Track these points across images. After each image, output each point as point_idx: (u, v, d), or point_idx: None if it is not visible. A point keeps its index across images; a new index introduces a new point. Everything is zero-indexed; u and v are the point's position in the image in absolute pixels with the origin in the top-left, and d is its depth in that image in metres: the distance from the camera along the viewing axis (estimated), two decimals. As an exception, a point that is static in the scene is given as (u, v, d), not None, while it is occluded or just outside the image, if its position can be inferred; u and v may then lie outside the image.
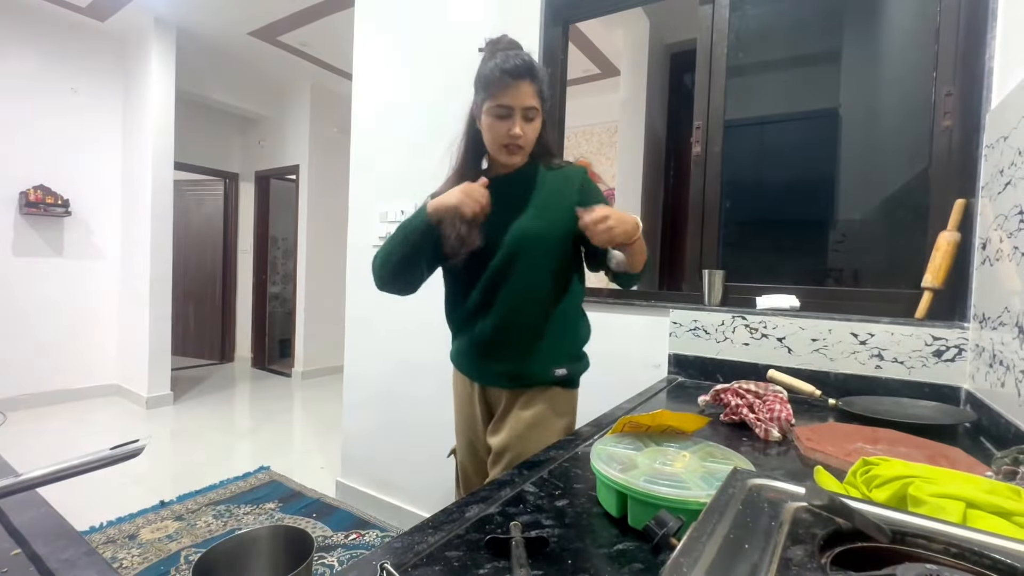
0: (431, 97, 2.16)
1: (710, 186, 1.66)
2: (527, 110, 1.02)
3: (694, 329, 1.52)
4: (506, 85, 1.00)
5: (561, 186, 1.12)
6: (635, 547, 0.52)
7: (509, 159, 1.07)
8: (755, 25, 1.85)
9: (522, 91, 1.00)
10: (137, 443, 0.57)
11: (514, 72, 0.99)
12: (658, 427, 0.74)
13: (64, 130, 3.80)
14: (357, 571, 0.46)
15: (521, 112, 1.02)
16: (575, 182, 1.12)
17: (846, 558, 0.38)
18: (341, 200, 2.92)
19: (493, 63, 1.02)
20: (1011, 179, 0.96)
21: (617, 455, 0.65)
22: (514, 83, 1.00)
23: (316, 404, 4.22)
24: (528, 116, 1.03)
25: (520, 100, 1.01)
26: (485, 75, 1.03)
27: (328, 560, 1.89)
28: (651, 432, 0.75)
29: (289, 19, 3.62)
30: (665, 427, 0.74)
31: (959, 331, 1.20)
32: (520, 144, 1.05)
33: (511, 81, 1.00)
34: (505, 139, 1.04)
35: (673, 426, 0.74)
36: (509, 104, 1.01)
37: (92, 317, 4.02)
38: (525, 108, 1.02)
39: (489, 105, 1.03)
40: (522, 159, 1.09)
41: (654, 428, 0.74)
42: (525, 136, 1.04)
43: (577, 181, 1.13)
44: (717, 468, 0.62)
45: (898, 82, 1.74)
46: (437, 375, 2.04)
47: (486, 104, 1.04)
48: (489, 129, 1.05)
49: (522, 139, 1.04)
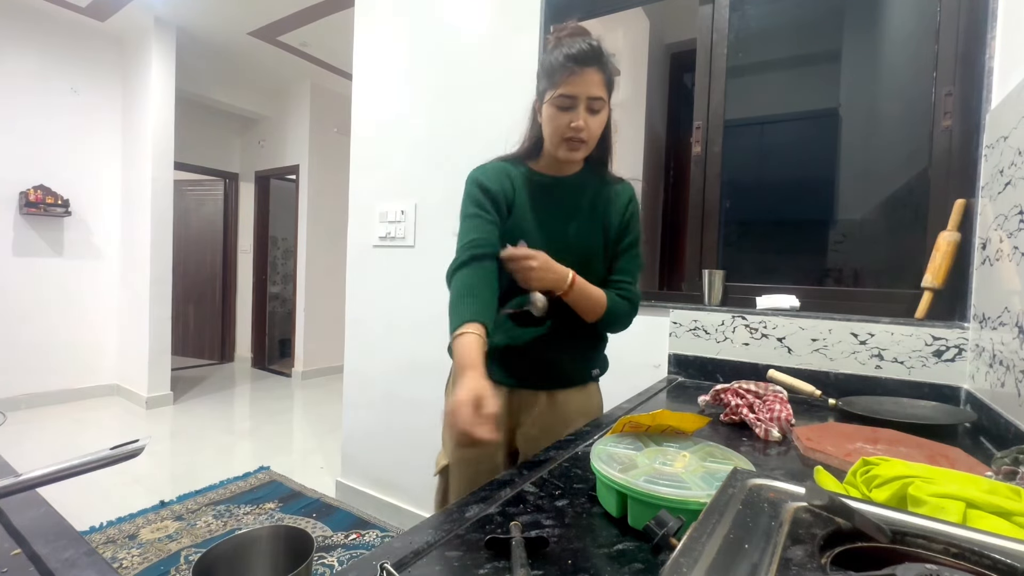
0: (431, 97, 2.16)
1: (710, 186, 1.66)
2: (593, 100, 0.93)
3: (694, 329, 1.52)
4: (570, 72, 0.92)
5: (610, 203, 1.05)
6: (635, 547, 0.52)
7: (570, 154, 0.98)
8: (755, 25, 1.85)
9: (587, 79, 0.92)
10: (137, 443, 0.57)
11: (580, 58, 0.91)
12: (658, 427, 0.74)
13: (64, 130, 3.80)
14: (357, 571, 0.46)
15: (586, 102, 0.93)
16: (622, 201, 1.06)
17: (846, 558, 0.38)
18: (341, 200, 2.92)
19: (558, 51, 0.94)
20: (1011, 179, 0.96)
21: (617, 455, 0.65)
22: (579, 70, 0.91)
23: (316, 404, 4.22)
24: (594, 108, 0.94)
25: (586, 89, 0.92)
26: (548, 63, 0.96)
27: (328, 560, 1.89)
28: (651, 432, 0.75)
29: (289, 19, 3.62)
30: (665, 427, 0.74)
31: (959, 331, 1.20)
32: (583, 138, 0.96)
33: (576, 68, 0.91)
34: (567, 131, 0.95)
35: (673, 426, 0.74)
36: (573, 93, 0.92)
37: (92, 317, 4.02)
38: (591, 98, 0.93)
39: (552, 95, 0.95)
40: (584, 154, 1.00)
41: (654, 428, 0.74)
42: (589, 129, 0.95)
43: (624, 201, 1.06)
44: (717, 468, 0.62)
45: (898, 82, 1.74)
46: (437, 374, 2.04)
47: (548, 94, 0.96)
48: (550, 121, 0.97)
49: (585, 132, 0.95)
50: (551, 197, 1.03)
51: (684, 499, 0.54)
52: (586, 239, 1.02)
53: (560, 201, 1.04)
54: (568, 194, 1.04)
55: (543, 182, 1.04)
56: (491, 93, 1.98)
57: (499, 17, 1.97)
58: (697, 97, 1.69)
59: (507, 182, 1.03)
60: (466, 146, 2.04)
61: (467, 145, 2.03)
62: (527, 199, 1.03)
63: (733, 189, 1.78)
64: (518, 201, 1.03)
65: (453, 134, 2.09)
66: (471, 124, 2.03)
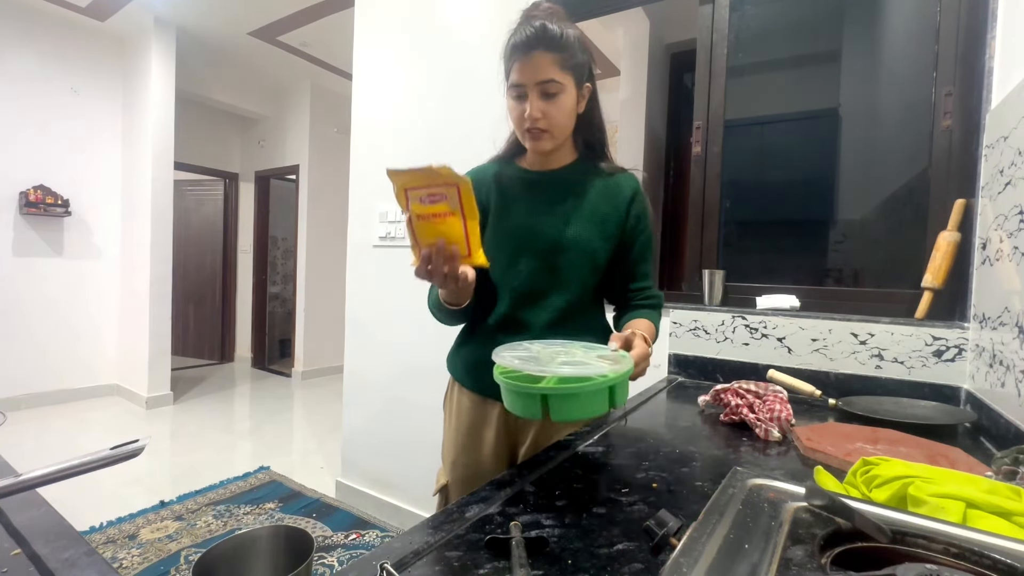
0: (431, 97, 2.16)
1: (710, 186, 1.66)
2: (543, 84, 0.85)
3: (694, 329, 1.52)
4: (515, 60, 0.86)
5: (608, 196, 0.96)
6: (635, 547, 0.52)
7: (534, 145, 0.91)
8: (755, 25, 1.85)
9: (535, 63, 0.84)
10: (137, 443, 0.57)
11: (522, 44, 0.84)
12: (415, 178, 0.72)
13: (64, 130, 3.80)
14: (357, 571, 0.46)
15: (536, 89, 0.85)
16: (624, 194, 0.97)
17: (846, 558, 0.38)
18: (341, 200, 2.92)
19: (507, 40, 0.88)
20: (1011, 179, 0.96)
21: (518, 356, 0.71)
22: (524, 57, 0.84)
23: (316, 404, 4.21)
24: (547, 92, 0.86)
25: (532, 74, 0.84)
26: (503, 52, 0.89)
27: (328, 560, 1.89)
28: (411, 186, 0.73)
29: (289, 19, 3.62)
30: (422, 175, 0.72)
31: (959, 331, 1.20)
32: (541, 127, 0.88)
33: (519, 56, 0.85)
34: (524, 122, 0.88)
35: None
36: (520, 81, 0.86)
37: (92, 317, 4.02)
38: (541, 82, 0.85)
39: (507, 87, 0.90)
40: (551, 144, 0.91)
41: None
42: (547, 117, 0.87)
43: (628, 193, 0.97)
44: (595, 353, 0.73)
45: (898, 82, 1.74)
46: (437, 375, 2.04)
47: (507, 87, 0.90)
48: (510, 113, 0.91)
49: (543, 120, 0.87)
50: (542, 194, 0.97)
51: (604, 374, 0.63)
52: (583, 237, 0.94)
53: (551, 197, 0.96)
54: (559, 189, 0.97)
55: (530, 179, 0.98)
56: (491, 93, 1.98)
57: (499, 17, 1.97)
58: (697, 97, 1.69)
59: (482, 187, 0.97)
60: (467, 146, 2.03)
61: (468, 145, 2.03)
62: (515, 197, 0.98)
63: (733, 189, 1.78)
64: (497, 203, 0.97)
65: (453, 134, 2.09)
66: (471, 124, 2.03)
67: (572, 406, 0.64)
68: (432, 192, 0.71)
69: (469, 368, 1.01)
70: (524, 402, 0.66)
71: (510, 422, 0.97)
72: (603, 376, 0.63)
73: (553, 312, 0.94)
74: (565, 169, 0.98)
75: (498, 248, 0.94)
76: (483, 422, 0.98)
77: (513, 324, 0.95)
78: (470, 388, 1.01)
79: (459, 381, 1.04)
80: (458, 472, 1.00)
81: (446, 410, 1.07)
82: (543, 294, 0.94)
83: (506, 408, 0.73)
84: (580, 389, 0.63)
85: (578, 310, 0.96)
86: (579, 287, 0.95)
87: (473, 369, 0.99)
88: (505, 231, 0.96)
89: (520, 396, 0.67)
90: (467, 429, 1.00)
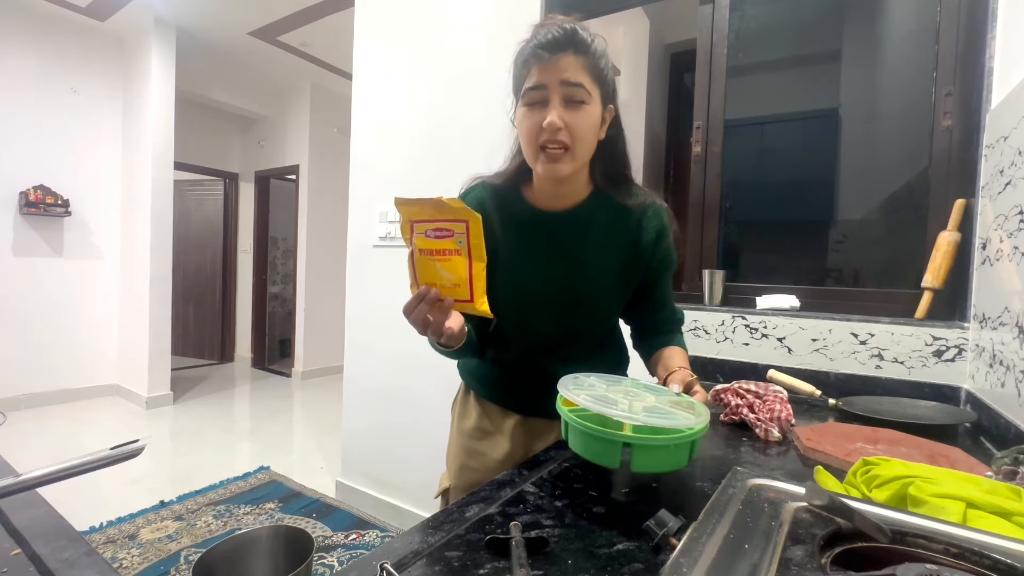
0: (431, 97, 2.16)
1: (710, 186, 1.66)
2: (570, 88, 0.71)
3: (694, 329, 1.52)
4: (538, 59, 0.72)
5: (631, 241, 0.83)
6: (635, 547, 0.52)
7: (549, 169, 0.74)
8: (755, 25, 1.85)
9: (563, 63, 0.71)
10: (137, 443, 0.57)
11: (549, 45, 0.71)
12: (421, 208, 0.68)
13: (64, 130, 3.80)
14: (357, 571, 0.46)
15: (560, 92, 0.71)
16: (648, 236, 0.83)
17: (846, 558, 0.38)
18: (341, 200, 2.92)
19: (528, 43, 0.75)
20: (1011, 179, 0.96)
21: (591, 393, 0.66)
22: (550, 56, 0.71)
23: (316, 404, 4.21)
24: (572, 98, 0.71)
25: (557, 74, 0.71)
26: (519, 59, 0.76)
27: (328, 560, 1.89)
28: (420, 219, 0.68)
29: (289, 19, 3.62)
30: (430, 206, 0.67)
31: (959, 331, 1.20)
32: (562, 140, 0.72)
33: (545, 54, 0.71)
34: (541, 134, 0.72)
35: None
36: (542, 82, 0.71)
37: (92, 317, 4.02)
38: (566, 83, 0.71)
39: (520, 95, 0.75)
40: (569, 168, 0.75)
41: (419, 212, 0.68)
42: (568, 128, 0.71)
43: (652, 235, 0.83)
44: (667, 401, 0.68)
45: (898, 82, 1.74)
46: (438, 375, 2.04)
47: (517, 97, 0.77)
48: (521, 123, 0.75)
49: (563, 132, 0.71)
50: (556, 241, 0.83)
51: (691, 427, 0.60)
52: (602, 289, 0.84)
53: (566, 245, 0.83)
54: (575, 234, 0.83)
55: (542, 220, 0.84)
56: (492, 93, 1.98)
57: (499, 17, 1.97)
58: (697, 97, 1.69)
59: (486, 223, 0.78)
60: (467, 146, 2.04)
61: (468, 145, 2.03)
62: (523, 241, 0.85)
63: (733, 189, 1.78)
64: (503, 244, 0.84)
65: (454, 134, 2.09)
66: (472, 124, 2.03)
67: (656, 458, 0.60)
68: (439, 227, 0.67)
69: (483, 380, 0.96)
70: (602, 448, 0.62)
71: (528, 432, 0.93)
72: (691, 429, 0.60)
73: (566, 358, 0.87)
74: (580, 208, 0.83)
75: (505, 303, 0.83)
76: (497, 430, 0.95)
77: (525, 366, 0.91)
78: (486, 397, 0.96)
79: (472, 388, 0.99)
80: (464, 477, 0.96)
81: (454, 414, 1.02)
82: (556, 347, 0.90)
83: (570, 447, 0.67)
84: (668, 441, 0.59)
85: (595, 350, 0.93)
86: (595, 335, 0.91)
87: (488, 383, 0.95)
88: (513, 284, 0.85)
89: (597, 441, 0.62)
90: (479, 436, 0.96)
